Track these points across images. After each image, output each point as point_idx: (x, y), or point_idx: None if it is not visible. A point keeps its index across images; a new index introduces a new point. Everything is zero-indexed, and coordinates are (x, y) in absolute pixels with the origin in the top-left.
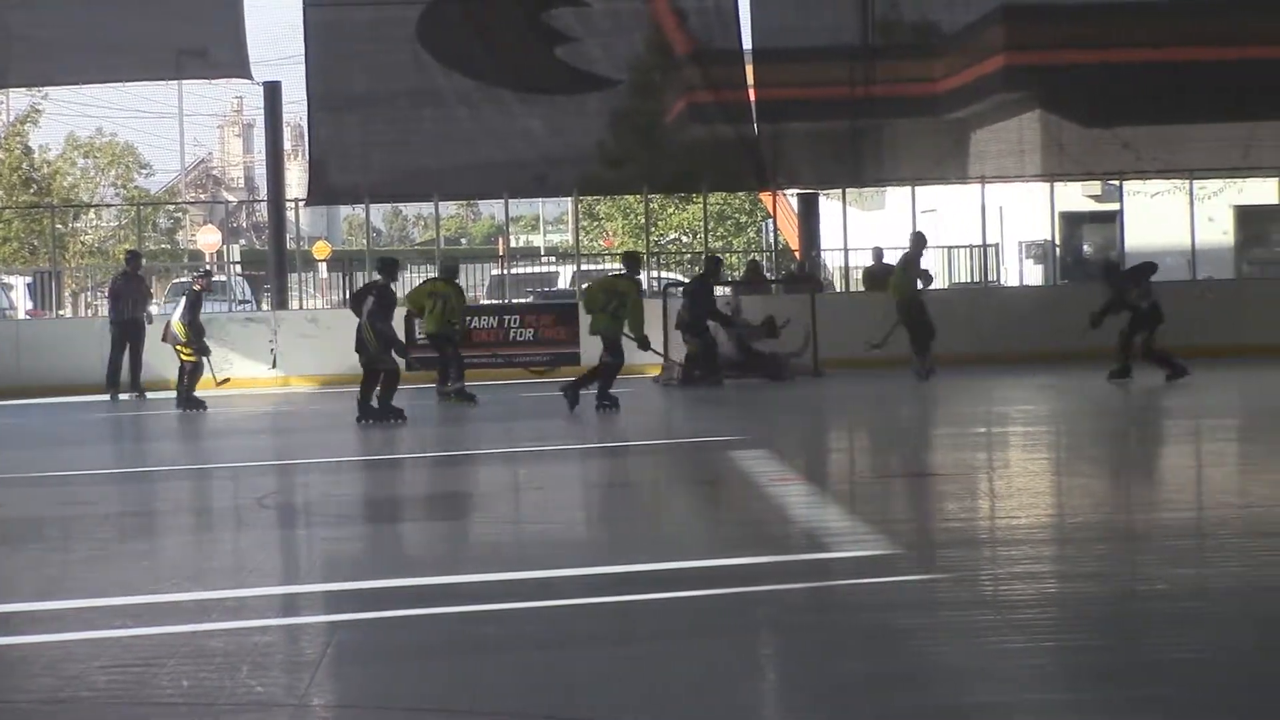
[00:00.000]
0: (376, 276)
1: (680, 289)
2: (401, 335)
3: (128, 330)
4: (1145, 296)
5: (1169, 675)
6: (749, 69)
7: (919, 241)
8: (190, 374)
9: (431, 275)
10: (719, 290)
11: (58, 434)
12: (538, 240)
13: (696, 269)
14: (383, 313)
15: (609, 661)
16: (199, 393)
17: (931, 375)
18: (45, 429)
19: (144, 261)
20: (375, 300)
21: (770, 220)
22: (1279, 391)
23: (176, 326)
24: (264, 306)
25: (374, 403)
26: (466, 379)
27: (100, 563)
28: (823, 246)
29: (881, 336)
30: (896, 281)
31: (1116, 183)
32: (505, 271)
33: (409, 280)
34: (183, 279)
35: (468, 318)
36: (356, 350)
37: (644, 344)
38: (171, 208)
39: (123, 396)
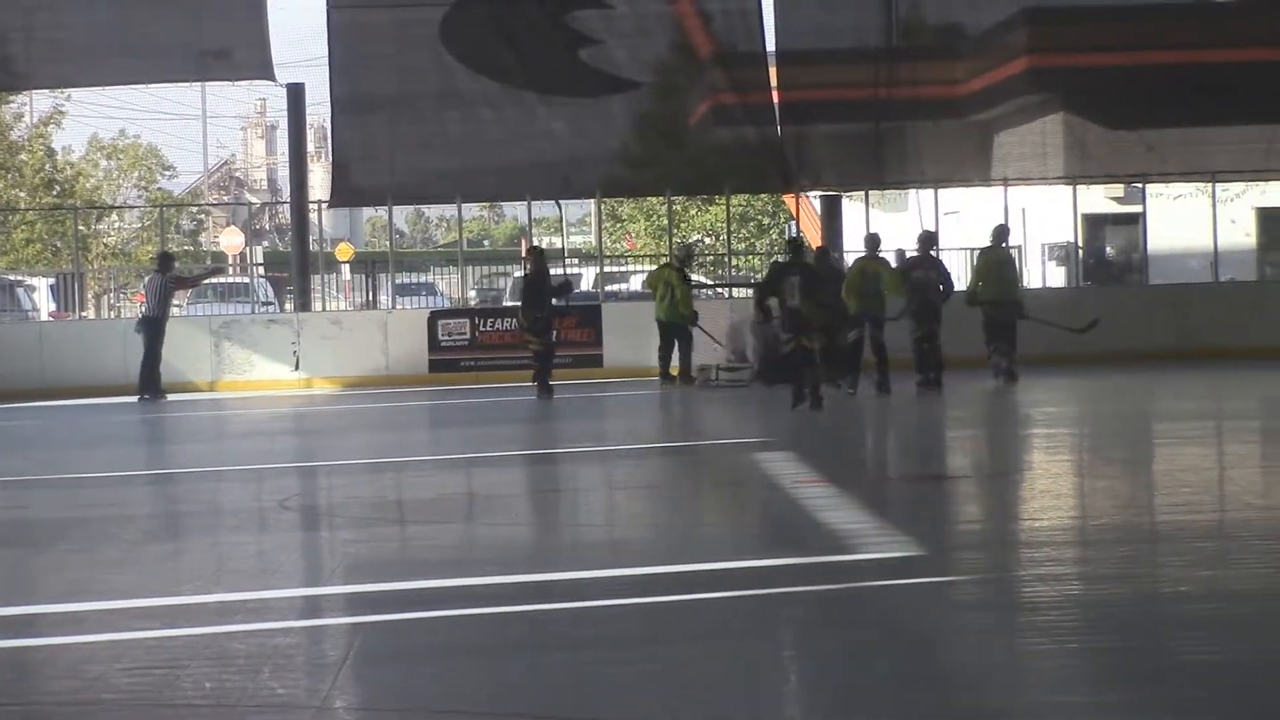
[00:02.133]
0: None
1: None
2: (426, 338)
3: (141, 327)
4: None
5: (1193, 678)
6: (773, 71)
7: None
8: (539, 360)
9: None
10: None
11: (82, 436)
12: (560, 242)
13: (718, 267)
14: (813, 288)
15: (633, 663)
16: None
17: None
18: (70, 431)
19: (175, 264)
20: (802, 278)
21: (793, 222)
22: None
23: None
24: (287, 308)
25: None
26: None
27: (123, 565)
28: (846, 248)
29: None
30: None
31: (1139, 185)
32: (528, 273)
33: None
34: (206, 281)
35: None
36: (790, 331)
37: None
38: (194, 209)
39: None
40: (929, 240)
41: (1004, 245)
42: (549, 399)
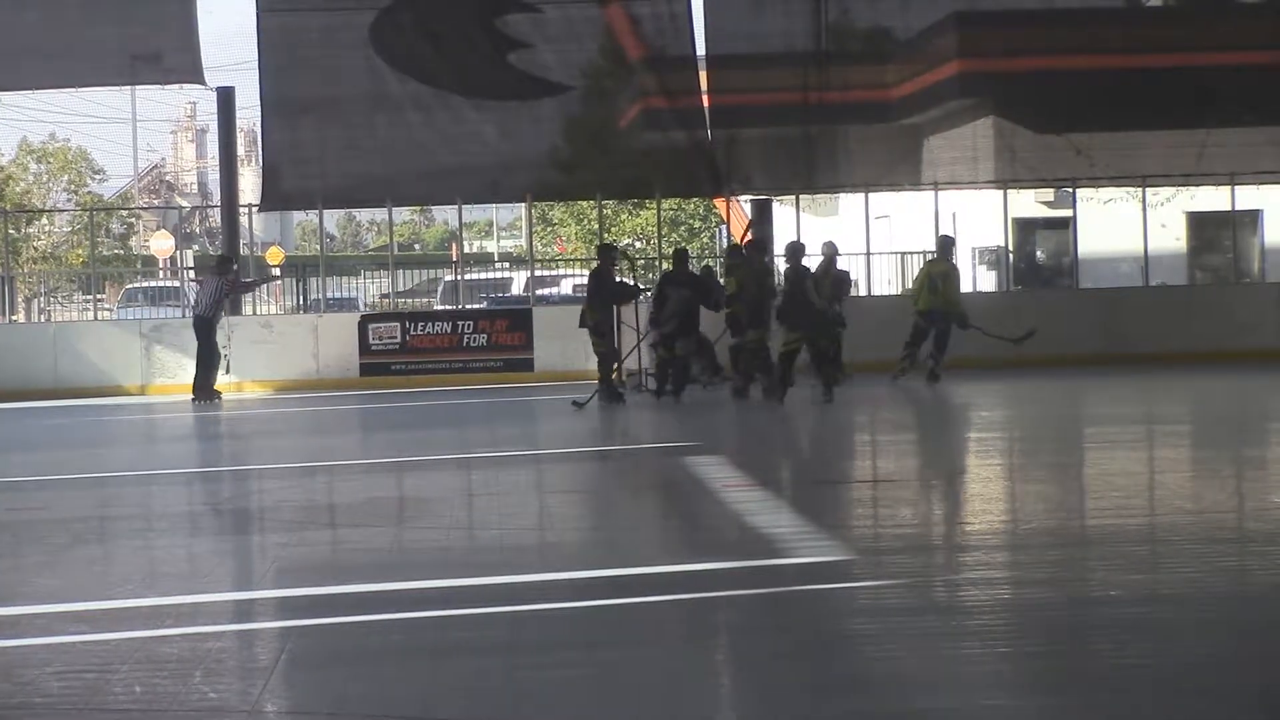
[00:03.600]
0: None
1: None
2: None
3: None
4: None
5: (1123, 682)
6: (703, 75)
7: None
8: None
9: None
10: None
11: (11, 439)
12: (491, 246)
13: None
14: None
15: (563, 667)
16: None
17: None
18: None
19: (234, 267)
20: (813, 280)
21: (724, 226)
22: (1228, 396)
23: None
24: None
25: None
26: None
27: (53, 568)
28: (776, 253)
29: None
30: (949, 291)
31: (1069, 189)
32: (459, 277)
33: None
34: (136, 284)
35: None
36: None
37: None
38: (125, 213)
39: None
40: (681, 257)
41: (950, 257)
42: (619, 403)
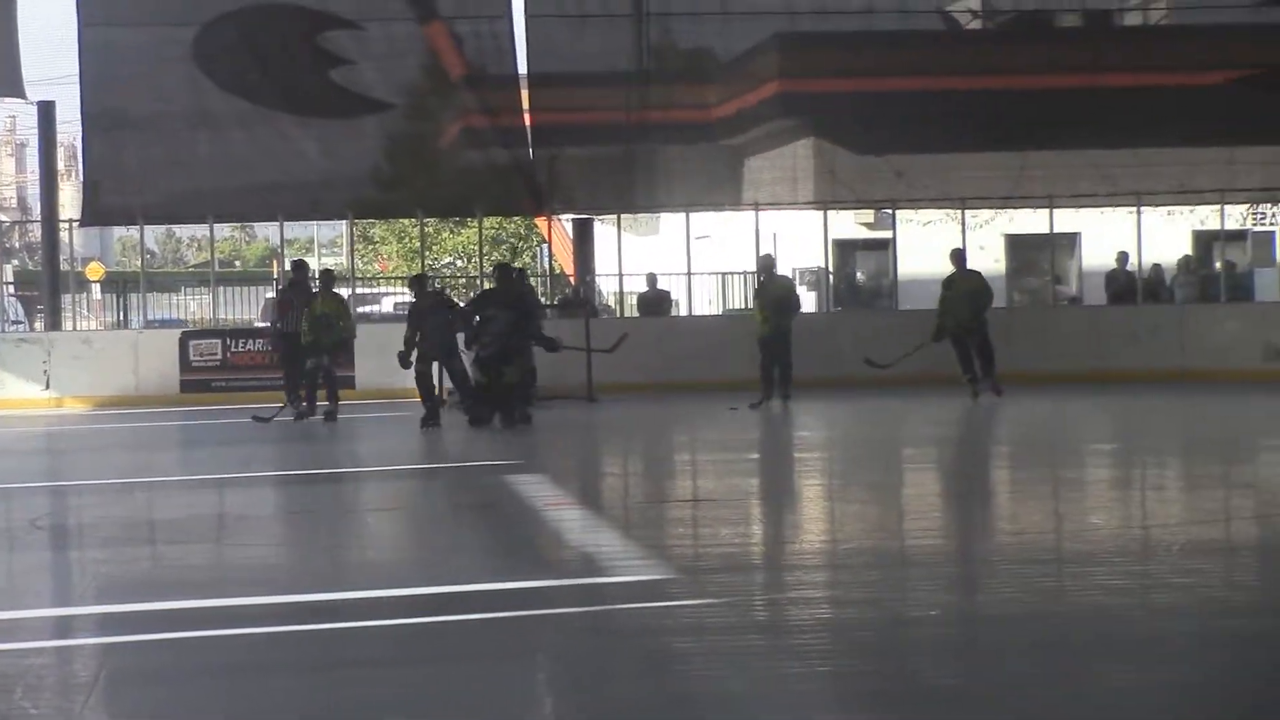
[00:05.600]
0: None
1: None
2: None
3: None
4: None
5: (941, 702)
6: (524, 94)
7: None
8: None
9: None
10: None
11: None
12: (312, 263)
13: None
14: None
15: (385, 686)
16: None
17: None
18: None
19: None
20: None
21: (545, 245)
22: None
23: None
24: (37, 327)
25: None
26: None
27: None
28: (597, 272)
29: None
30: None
31: (889, 210)
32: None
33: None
34: None
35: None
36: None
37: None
38: None
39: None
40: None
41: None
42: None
